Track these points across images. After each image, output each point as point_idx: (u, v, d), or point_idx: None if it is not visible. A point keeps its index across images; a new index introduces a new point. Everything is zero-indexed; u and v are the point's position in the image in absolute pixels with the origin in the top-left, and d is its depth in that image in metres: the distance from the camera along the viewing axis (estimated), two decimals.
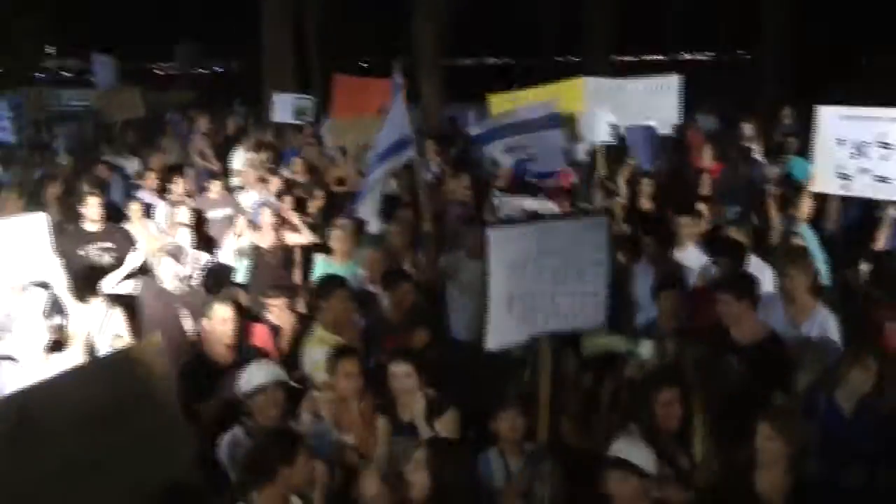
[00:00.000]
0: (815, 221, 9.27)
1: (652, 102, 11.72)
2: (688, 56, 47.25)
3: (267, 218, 9.99)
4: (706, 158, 12.29)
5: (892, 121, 8.64)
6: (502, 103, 11.91)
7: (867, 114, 8.79)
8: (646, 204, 10.65)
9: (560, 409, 6.16)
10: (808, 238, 8.88)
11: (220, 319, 6.88)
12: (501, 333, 5.61)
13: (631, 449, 4.78)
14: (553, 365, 5.91)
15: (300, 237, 10.29)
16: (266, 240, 9.89)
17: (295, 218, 10.47)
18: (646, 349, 6.48)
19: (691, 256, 8.53)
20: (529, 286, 5.59)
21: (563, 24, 34.17)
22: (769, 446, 5.05)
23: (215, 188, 11.82)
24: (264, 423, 5.72)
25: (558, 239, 5.67)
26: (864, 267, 8.12)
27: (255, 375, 5.87)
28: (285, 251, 10.07)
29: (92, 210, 9.64)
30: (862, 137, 8.72)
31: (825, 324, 6.92)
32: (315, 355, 6.72)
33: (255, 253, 9.72)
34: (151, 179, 12.25)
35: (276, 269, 9.67)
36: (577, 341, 6.75)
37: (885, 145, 8.63)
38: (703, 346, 6.35)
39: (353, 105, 14.55)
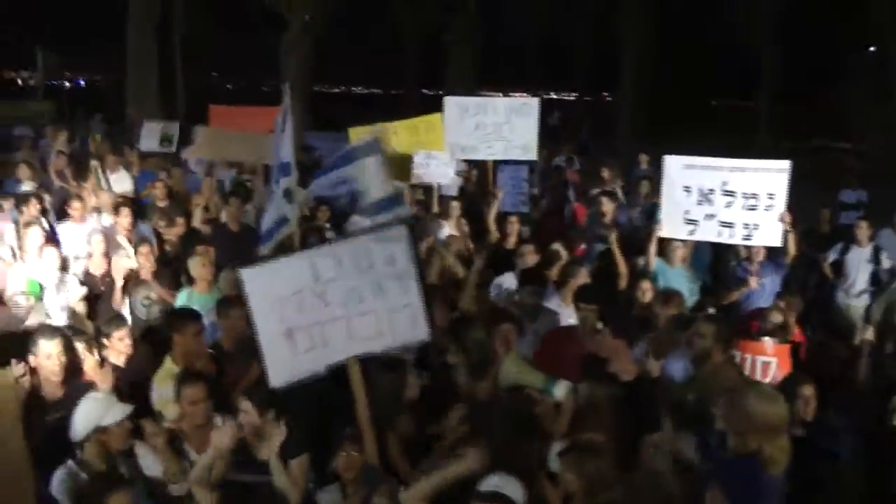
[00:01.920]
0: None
1: (511, 123, 11.96)
2: (553, 95, 48.41)
3: (97, 245, 9.60)
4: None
5: (733, 170, 9.22)
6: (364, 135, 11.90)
7: (711, 163, 9.34)
8: (512, 243, 10.76)
9: (399, 433, 6.01)
10: (676, 279, 9.21)
11: (45, 355, 6.43)
12: (286, 370, 5.44)
13: (506, 483, 4.78)
14: (394, 387, 5.88)
15: (131, 263, 9.35)
16: (98, 267, 9.49)
17: (126, 244, 9.88)
18: (560, 389, 6.25)
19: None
20: (311, 316, 5.37)
21: (427, 58, 34.56)
22: (565, 478, 5.16)
23: (75, 210, 11.10)
24: (98, 460, 5.45)
25: (346, 260, 5.47)
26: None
27: (88, 414, 5.52)
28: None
29: None
30: (707, 185, 9.26)
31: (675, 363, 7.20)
32: (164, 390, 6.39)
33: (89, 281, 9.33)
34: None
35: (110, 298, 8.99)
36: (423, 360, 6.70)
37: (729, 193, 9.19)
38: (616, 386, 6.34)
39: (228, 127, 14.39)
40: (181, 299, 8.52)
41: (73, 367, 6.62)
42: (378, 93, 47.94)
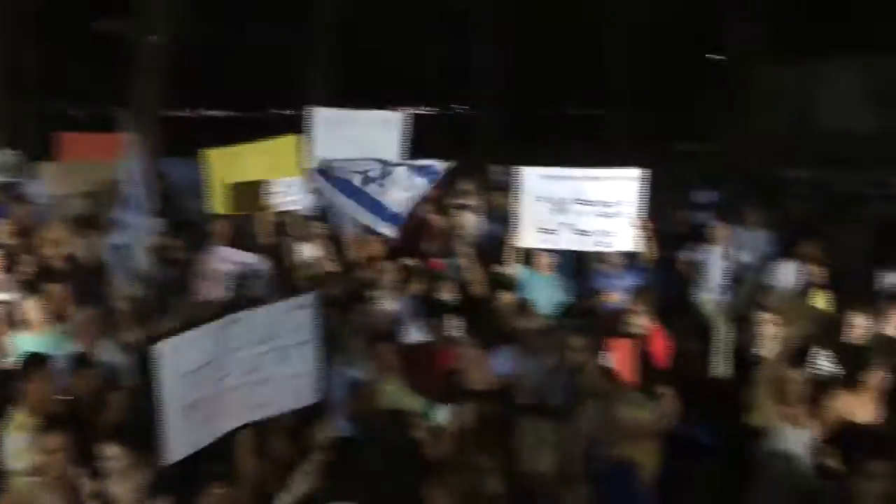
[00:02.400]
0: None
1: (374, 137, 11.84)
2: (412, 110, 48.42)
3: None
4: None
5: (587, 179, 9.48)
6: (217, 159, 11.58)
7: (565, 173, 9.57)
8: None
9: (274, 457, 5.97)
10: (541, 287, 9.30)
11: None
12: (183, 443, 5.14)
13: None
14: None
15: None
16: None
17: None
18: (442, 413, 6.38)
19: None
20: (213, 387, 5.24)
21: (283, 78, 34.15)
22: (432, 495, 5.24)
23: None
24: None
25: (256, 329, 5.41)
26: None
27: None
28: None
29: None
30: (561, 195, 9.45)
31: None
32: (15, 443, 6.14)
33: None
34: None
35: None
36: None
37: (583, 202, 9.40)
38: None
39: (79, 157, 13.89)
40: (21, 343, 7.93)
41: None
42: (232, 115, 47.01)
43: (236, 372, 5.31)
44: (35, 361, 6.76)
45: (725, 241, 10.80)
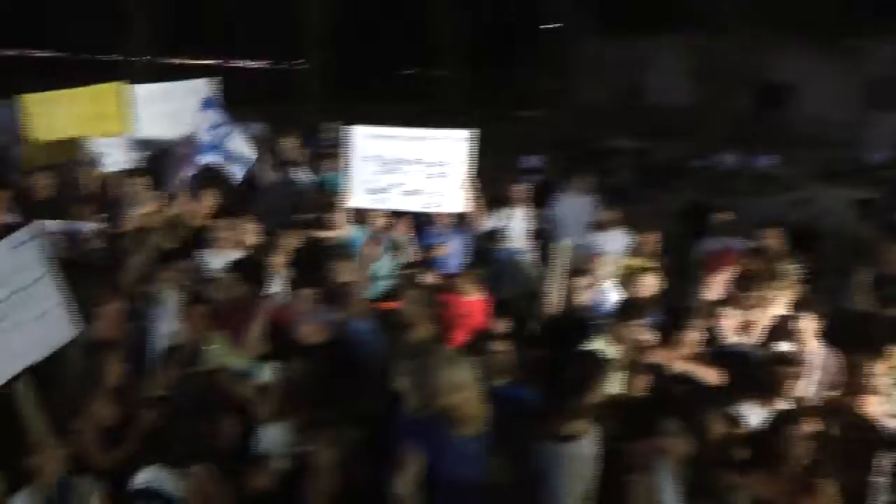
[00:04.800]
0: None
1: (191, 107, 11.39)
2: (243, 63, 47.36)
3: None
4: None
5: (416, 139, 9.39)
6: (37, 104, 10.93)
7: (395, 133, 9.45)
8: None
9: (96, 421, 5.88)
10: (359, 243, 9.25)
11: None
12: None
13: (156, 477, 4.76)
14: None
15: None
16: None
17: None
18: (266, 371, 6.30)
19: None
20: None
21: (106, 21, 32.71)
22: (321, 454, 5.25)
23: None
24: None
25: None
26: None
27: None
28: None
29: None
30: (391, 154, 9.38)
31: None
32: None
33: None
34: None
35: None
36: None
37: (413, 162, 9.36)
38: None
39: None
40: None
41: None
42: (56, 56, 44.83)
43: None
44: None
45: (526, 202, 11.04)
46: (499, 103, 28.60)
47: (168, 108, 11.46)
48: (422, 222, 10.02)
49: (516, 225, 10.80)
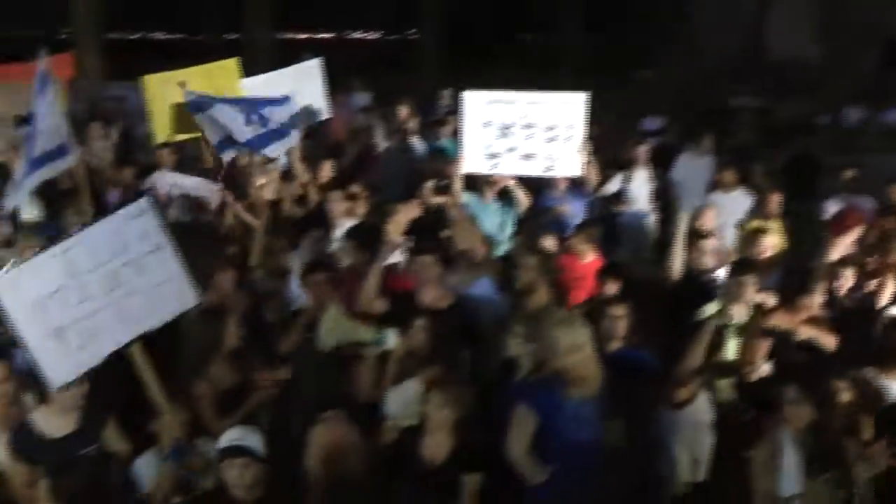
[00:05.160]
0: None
1: (300, 90, 11.50)
2: (357, 35, 47.87)
3: None
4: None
5: (532, 103, 9.30)
6: (158, 84, 11.25)
7: (511, 97, 9.35)
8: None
9: (213, 384, 6.13)
10: (475, 208, 9.27)
11: None
12: (63, 369, 5.11)
13: (248, 437, 4.83)
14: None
15: None
16: None
17: None
18: (391, 337, 6.37)
19: None
20: (76, 311, 5.11)
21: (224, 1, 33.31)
22: (438, 414, 5.31)
23: None
24: None
25: (100, 246, 5.22)
26: None
27: None
28: None
29: None
30: (507, 119, 9.31)
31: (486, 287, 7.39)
32: None
33: None
34: None
35: None
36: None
37: (528, 126, 9.29)
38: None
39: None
40: None
41: None
42: (179, 38, 46.01)
43: (96, 293, 5.18)
44: None
45: (648, 164, 10.89)
46: (616, 65, 28.13)
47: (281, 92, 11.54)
48: (539, 186, 9.96)
49: (638, 187, 10.67)
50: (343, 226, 8.76)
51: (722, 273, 7.70)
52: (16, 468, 5.38)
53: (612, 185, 10.55)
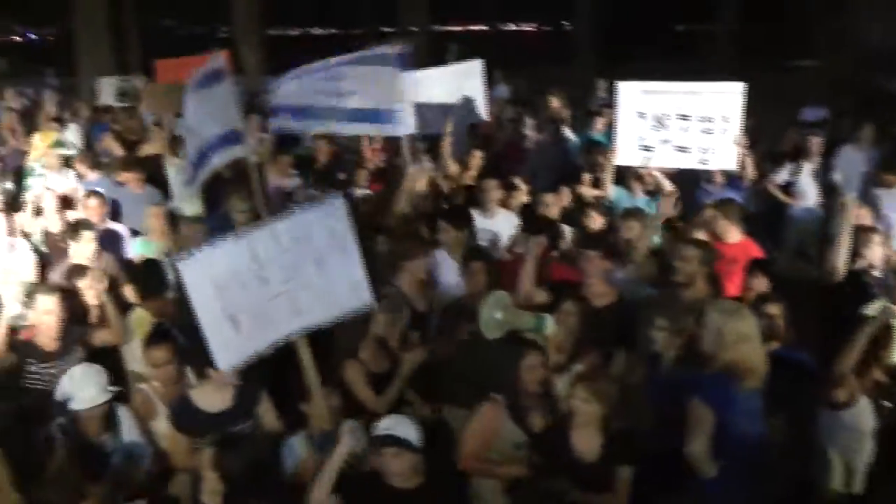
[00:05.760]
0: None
1: (460, 89, 11.58)
2: (512, 26, 47.90)
3: (49, 201, 9.36)
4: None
5: (688, 94, 9.11)
6: None
7: (666, 88, 9.23)
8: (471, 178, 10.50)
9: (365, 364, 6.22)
10: (623, 203, 9.15)
11: (44, 310, 6.52)
12: (232, 352, 5.30)
13: (401, 426, 4.85)
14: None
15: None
16: (54, 224, 9.20)
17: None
18: (550, 324, 6.27)
19: (501, 222, 8.67)
20: (252, 297, 5.26)
21: None
22: (584, 408, 5.24)
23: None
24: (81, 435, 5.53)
25: (284, 237, 5.35)
26: None
27: (76, 389, 5.55)
28: None
29: None
30: (661, 110, 9.15)
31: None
32: (134, 347, 6.58)
33: (49, 241, 9.10)
34: None
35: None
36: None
37: (683, 117, 9.10)
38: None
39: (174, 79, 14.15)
40: (136, 247, 8.65)
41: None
42: (336, 33, 47.06)
43: (276, 280, 5.31)
44: (152, 267, 7.50)
45: (815, 156, 10.55)
46: (774, 54, 27.35)
47: (439, 92, 11.62)
48: (695, 179, 9.78)
49: (804, 180, 10.34)
50: (497, 215, 8.80)
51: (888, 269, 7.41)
52: (178, 438, 5.62)
53: (779, 178, 10.25)
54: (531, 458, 5.43)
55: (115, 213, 9.60)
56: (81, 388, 5.54)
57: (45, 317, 6.52)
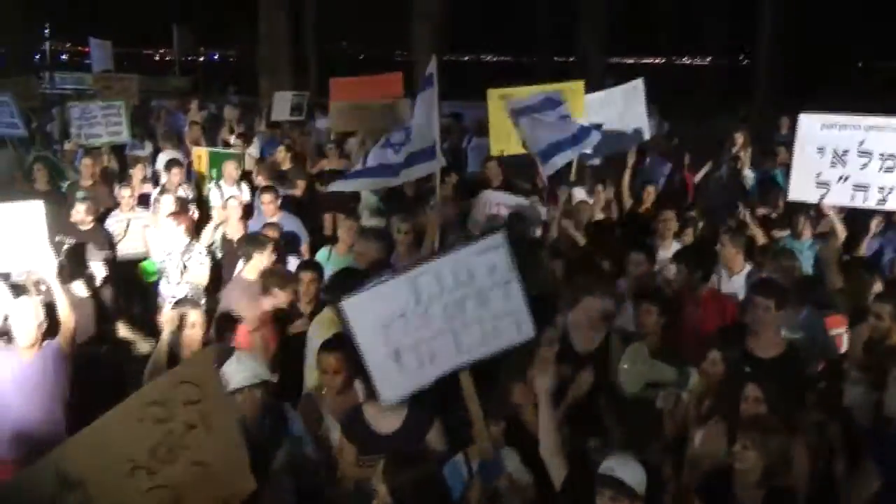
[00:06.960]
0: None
1: (624, 111, 11.57)
2: (686, 60, 47.25)
3: (233, 211, 9.94)
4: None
5: (871, 128, 8.74)
6: (499, 98, 11.67)
7: (848, 121, 8.84)
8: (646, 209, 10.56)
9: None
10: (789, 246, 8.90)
11: (191, 324, 6.78)
12: (396, 387, 5.35)
13: (625, 468, 4.57)
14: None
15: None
16: (235, 232, 9.77)
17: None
18: (693, 377, 6.20)
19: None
20: (416, 335, 5.28)
21: (559, 24, 34.06)
22: (743, 455, 5.09)
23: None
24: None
25: (446, 275, 5.34)
26: None
27: (232, 375, 5.75)
28: None
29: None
30: (842, 146, 8.81)
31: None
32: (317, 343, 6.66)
33: (226, 246, 9.66)
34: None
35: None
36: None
37: (865, 153, 8.73)
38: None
39: (350, 98, 14.75)
40: (321, 256, 8.97)
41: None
42: (509, 60, 47.56)
43: (439, 318, 5.32)
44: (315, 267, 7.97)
45: None
46: None
47: (610, 113, 11.69)
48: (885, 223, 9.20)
49: None
50: (670, 247, 8.76)
51: None
52: (349, 447, 5.77)
53: None
54: None
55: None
56: (234, 373, 5.74)
57: (189, 331, 6.75)
